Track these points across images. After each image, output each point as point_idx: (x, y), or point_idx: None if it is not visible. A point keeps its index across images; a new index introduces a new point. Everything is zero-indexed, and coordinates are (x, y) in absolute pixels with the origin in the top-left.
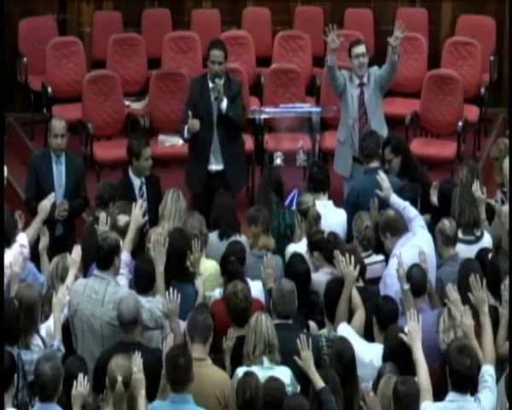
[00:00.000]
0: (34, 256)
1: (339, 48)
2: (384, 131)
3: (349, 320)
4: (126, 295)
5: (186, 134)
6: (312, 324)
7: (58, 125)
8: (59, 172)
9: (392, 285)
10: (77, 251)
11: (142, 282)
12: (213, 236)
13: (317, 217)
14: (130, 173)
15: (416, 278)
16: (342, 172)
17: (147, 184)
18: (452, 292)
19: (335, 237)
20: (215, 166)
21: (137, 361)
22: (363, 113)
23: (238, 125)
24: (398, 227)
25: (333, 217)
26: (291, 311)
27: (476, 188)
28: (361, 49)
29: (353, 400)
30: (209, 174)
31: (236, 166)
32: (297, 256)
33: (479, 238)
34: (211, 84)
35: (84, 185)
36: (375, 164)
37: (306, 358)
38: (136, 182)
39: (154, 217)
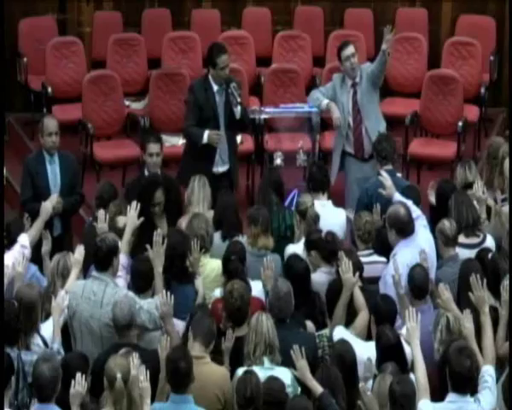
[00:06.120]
0: (36, 259)
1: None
2: (382, 127)
3: (351, 321)
4: (121, 299)
5: (205, 140)
6: (309, 323)
7: (51, 123)
8: (53, 171)
9: (392, 284)
10: (79, 251)
11: (140, 282)
12: (216, 236)
13: (316, 217)
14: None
15: (418, 279)
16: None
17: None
18: (444, 291)
19: (333, 237)
20: (221, 167)
21: (136, 363)
22: (357, 112)
23: (248, 127)
24: (405, 229)
25: (332, 217)
26: (287, 313)
27: (477, 188)
28: (350, 50)
29: (355, 401)
30: (213, 176)
31: (236, 164)
32: (294, 257)
33: (482, 241)
34: (215, 88)
35: (79, 182)
36: (389, 167)
37: (302, 367)
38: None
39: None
